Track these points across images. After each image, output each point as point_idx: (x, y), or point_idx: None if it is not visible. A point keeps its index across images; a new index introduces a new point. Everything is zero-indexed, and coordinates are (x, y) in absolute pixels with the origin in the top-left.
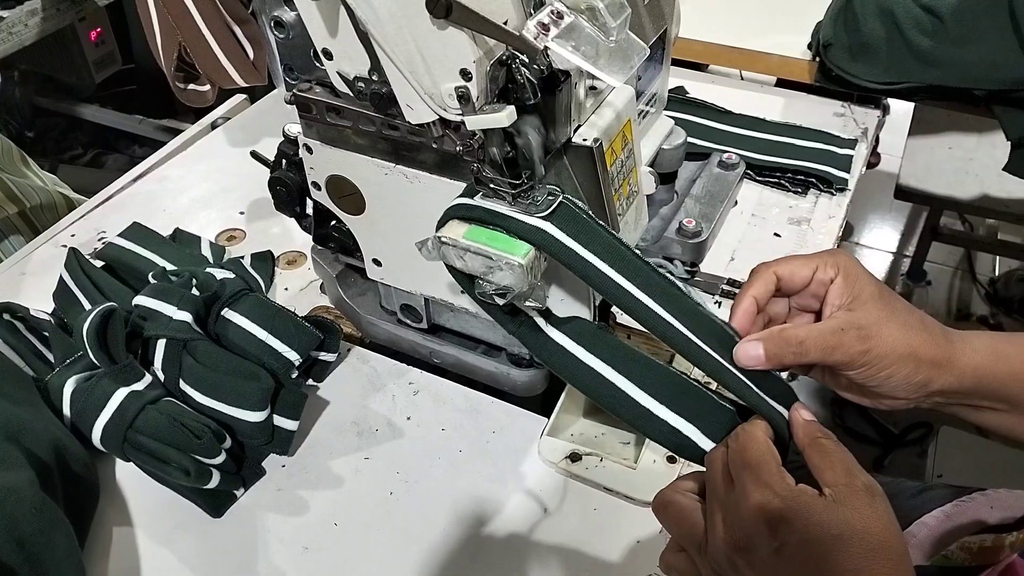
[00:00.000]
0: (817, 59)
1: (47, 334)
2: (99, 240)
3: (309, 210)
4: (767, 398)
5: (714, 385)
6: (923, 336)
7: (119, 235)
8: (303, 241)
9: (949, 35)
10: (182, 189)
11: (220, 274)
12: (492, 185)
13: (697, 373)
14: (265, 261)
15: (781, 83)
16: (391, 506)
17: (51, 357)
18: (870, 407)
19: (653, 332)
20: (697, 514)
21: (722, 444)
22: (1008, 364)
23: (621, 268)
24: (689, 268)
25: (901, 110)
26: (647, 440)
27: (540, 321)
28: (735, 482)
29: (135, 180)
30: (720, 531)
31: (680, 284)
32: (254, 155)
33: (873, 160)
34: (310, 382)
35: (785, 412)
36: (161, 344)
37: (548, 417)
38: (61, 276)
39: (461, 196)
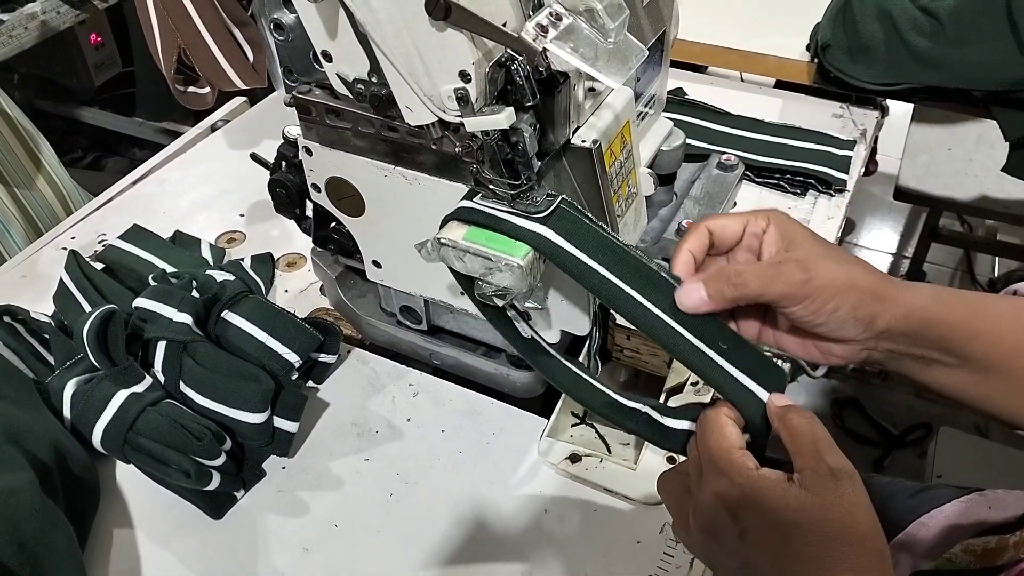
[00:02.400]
0: (816, 60)
1: (47, 336)
2: (99, 242)
3: (309, 212)
4: (750, 384)
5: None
6: (861, 269)
7: (119, 237)
8: (303, 243)
9: (947, 36)
10: (182, 191)
11: (220, 276)
12: (491, 186)
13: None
14: (265, 263)
15: (780, 84)
16: (391, 507)
17: (51, 359)
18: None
19: (648, 333)
20: (684, 497)
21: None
22: (952, 310)
23: (618, 270)
24: None
25: (900, 111)
26: (646, 441)
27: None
28: (703, 471)
29: (135, 183)
30: (693, 518)
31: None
32: (254, 157)
33: (871, 167)
34: (310, 384)
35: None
36: (161, 346)
37: (548, 418)
38: (61, 278)
39: (463, 199)
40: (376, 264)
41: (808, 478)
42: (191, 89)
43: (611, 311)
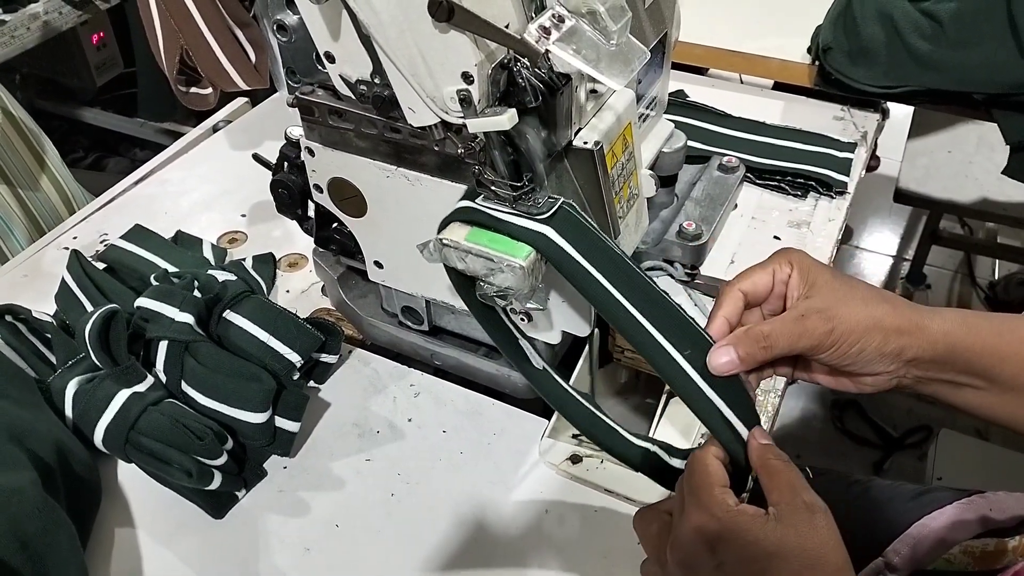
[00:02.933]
0: (817, 63)
1: (49, 336)
2: (101, 242)
3: (311, 212)
4: (735, 421)
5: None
6: (885, 307)
7: (121, 237)
8: (305, 243)
9: (948, 39)
10: (184, 192)
11: (222, 276)
12: (493, 187)
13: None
14: (267, 263)
15: (781, 87)
16: (392, 507)
17: (53, 359)
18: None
19: (635, 346)
20: (663, 534)
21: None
22: (979, 335)
23: (613, 276)
24: (689, 271)
25: (900, 114)
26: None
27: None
28: (684, 505)
29: (137, 183)
30: (671, 552)
31: (674, 300)
32: (256, 158)
33: (873, 163)
34: (311, 384)
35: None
36: (163, 346)
37: (549, 419)
38: (63, 278)
39: (463, 198)
40: (378, 264)
41: (784, 512)
42: (193, 90)
43: None
